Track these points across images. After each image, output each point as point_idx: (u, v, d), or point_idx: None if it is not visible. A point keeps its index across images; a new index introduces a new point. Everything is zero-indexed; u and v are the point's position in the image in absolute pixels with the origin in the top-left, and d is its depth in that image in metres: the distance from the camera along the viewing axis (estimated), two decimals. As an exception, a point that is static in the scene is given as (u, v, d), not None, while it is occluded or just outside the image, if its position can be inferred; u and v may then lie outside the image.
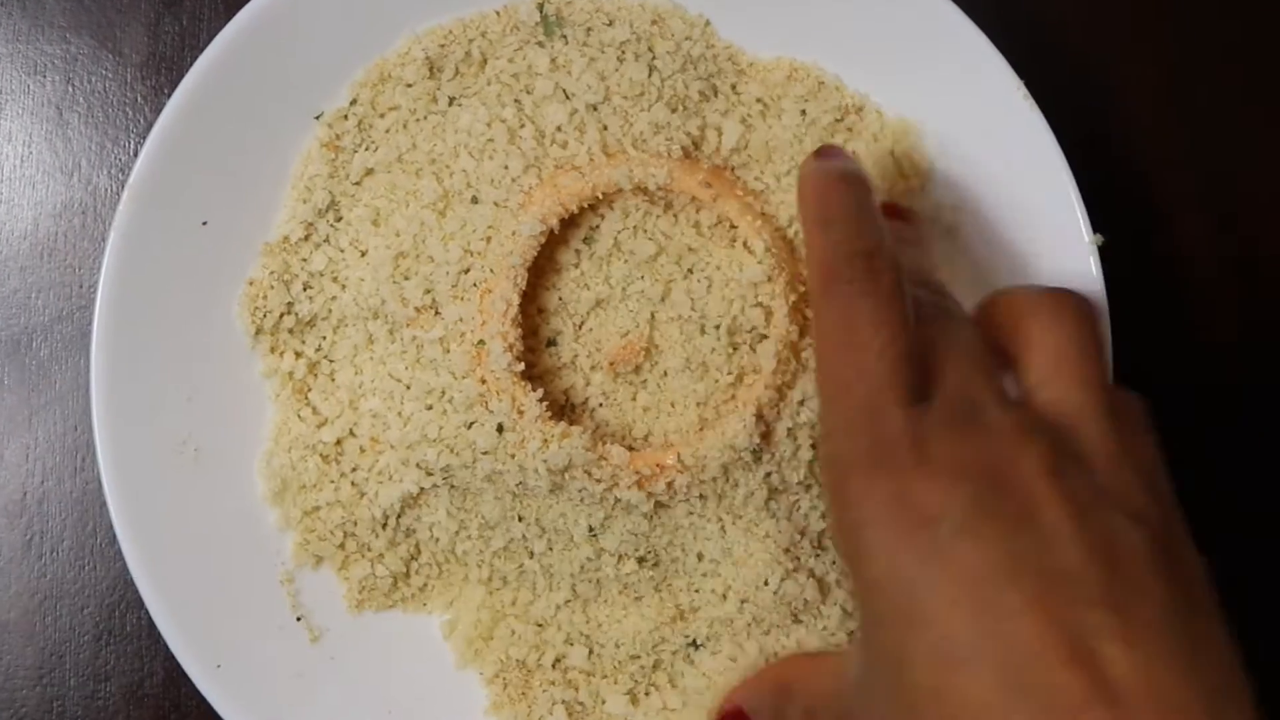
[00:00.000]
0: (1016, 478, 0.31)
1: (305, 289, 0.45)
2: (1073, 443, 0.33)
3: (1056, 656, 0.28)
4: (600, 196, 0.43)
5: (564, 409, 0.44)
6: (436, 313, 0.43)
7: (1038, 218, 0.45)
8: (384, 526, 0.45)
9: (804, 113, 0.46)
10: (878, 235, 0.35)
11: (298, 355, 0.45)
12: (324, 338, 0.45)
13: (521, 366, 0.42)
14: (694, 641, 0.44)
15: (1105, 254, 0.44)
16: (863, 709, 0.33)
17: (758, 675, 0.42)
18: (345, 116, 0.46)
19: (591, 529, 0.43)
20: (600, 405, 0.44)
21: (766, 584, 0.43)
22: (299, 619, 0.45)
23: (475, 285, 0.43)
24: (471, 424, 0.42)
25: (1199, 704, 0.28)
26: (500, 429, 0.41)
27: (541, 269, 0.44)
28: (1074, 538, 0.30)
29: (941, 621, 0.29)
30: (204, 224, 0.44)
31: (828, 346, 0.34)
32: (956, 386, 0.33)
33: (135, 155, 0.45)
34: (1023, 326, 0.36)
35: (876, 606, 0.31)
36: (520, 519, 0.44)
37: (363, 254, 0.45)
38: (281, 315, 0.45)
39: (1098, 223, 0.44)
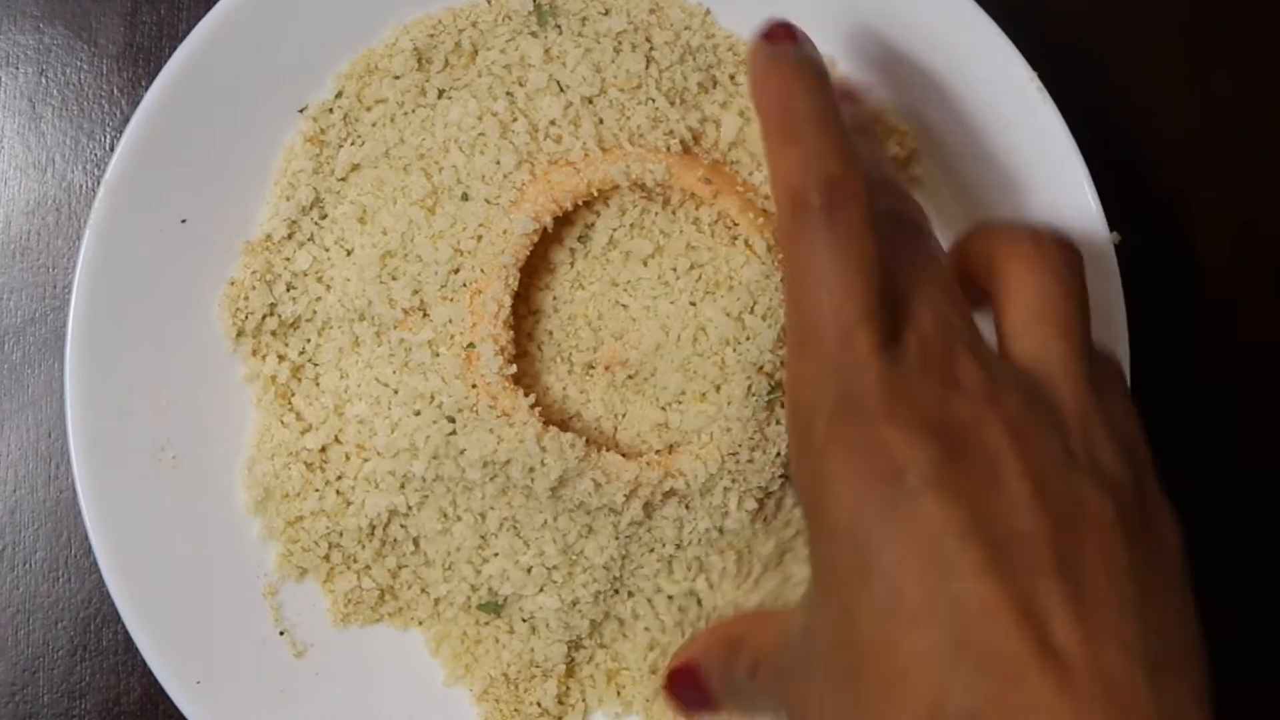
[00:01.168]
0: (984, 437, 0.31)
1: (288, 289, 0.45)
2: (1046, 398, 0.33)
3: (1004, 619, 0.28)
4: (596, 193, 0.42)
5: (558, 414, 0.43)
6: (425, 314, 0.43)
7: (1051, 213, 0.45)
8: (370, 537, 0.44)
9: (806, 104, 0.45)
10: (847, 153, 0.34)
11: (281, 358, 0.45)
12: (308, 340, 0.45)
13: (513, 370, 0.41)
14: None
15: (1120, 251, 0.44)
16: (802, 663, 0.33)
17: (709, 631, 0.41)
18: (330, 110, 0.45)
19: (579, 536, 0.43)
20: (596, 410, 0.44)
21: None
22: (282, 633, 0.44)
23: (465, 285, 0.42)
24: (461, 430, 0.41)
25: (1143, 680, 0.28)
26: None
27: (534, 268, 0.43)
28: (1033, 503, 0.30)
29: (893, 576, 0.29)
30: (183, 221, 0.44)
31: (797, 285, 0.33)
32: (930, 329, 0.33)
33: (111, 150, 0.46)
34: (1003, 267, 0.36)
35: (831, 557, 0.31)
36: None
37: (348, 253, 0.45)
38: (264, 317, 0.44)
39: (1111, 218, 0.44)
